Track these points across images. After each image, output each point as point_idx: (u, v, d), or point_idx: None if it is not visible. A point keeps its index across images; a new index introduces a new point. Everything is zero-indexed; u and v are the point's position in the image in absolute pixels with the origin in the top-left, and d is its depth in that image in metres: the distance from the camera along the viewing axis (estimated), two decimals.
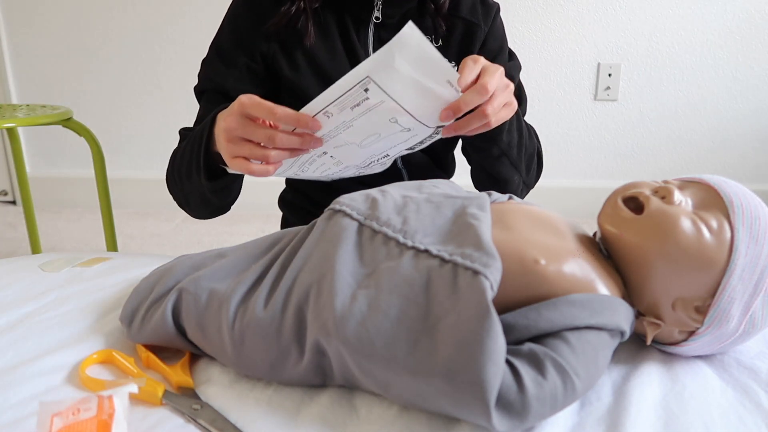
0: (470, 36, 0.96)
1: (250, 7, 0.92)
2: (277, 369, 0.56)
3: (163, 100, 2.48)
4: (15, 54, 2.51)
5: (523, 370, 0.49)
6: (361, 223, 0.60)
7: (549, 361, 0.50)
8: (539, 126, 1.12)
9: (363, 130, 0.67)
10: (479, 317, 0.48)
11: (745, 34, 2.33)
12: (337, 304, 0.52)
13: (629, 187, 0.61)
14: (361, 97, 0.62)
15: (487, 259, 0.52)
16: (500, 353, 0.47)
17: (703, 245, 0.56)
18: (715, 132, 2.44)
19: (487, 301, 0.49)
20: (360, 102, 0.63)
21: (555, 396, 0.49)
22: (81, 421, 0.45)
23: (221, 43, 0.95)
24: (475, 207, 0.60)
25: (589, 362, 0.52)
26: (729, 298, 0.56)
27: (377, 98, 0.62)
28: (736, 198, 0.58)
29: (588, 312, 0.53)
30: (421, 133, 0.70)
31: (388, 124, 0.66)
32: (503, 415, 0.47)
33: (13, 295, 0.74)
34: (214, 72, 0.94)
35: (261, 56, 0.92)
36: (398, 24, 0.93)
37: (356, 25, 0.94)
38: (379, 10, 0.93)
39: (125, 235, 2.28)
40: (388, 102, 0.63)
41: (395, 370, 0.49)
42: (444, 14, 0.94)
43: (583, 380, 0.51)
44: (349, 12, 0.93)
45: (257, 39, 0.92)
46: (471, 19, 0.96)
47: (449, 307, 0.50)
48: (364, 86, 0.61)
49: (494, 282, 0.51)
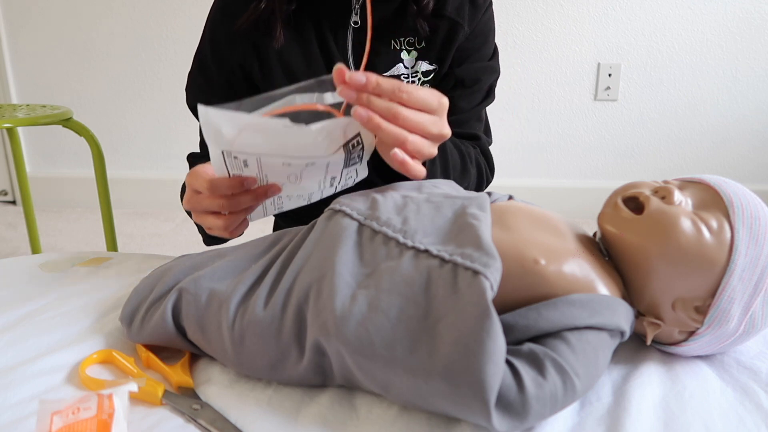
0: (452, 36, 0.92)
1: (226, 14, 0.92)
2: (277, 369, 0.56)
3: (164, 100, 2.48)
4: (15, 54, 2.51)
5: (523, 370, 0.49)
6: (361, 223, 0.60)
7: (549, 361, 0.50)
8: (539, 126, 1.12)
9: (278, 177, 0.65)
10: (479, 317, 0.48)
11: (745, 34, 2.33)
12: (337, 304, 0.52)
13: (629, 188, 0.61)
14: (240, 162, 0.62)
15: (487, 259, 0.52)
16: (500, 353, 0.47)
17: (703, 245, 0.56)
18: (715, 132, 2.45)
19: (487, 301, 0.49)
20: (245, 164, 0.62)
21: (555, 396, 0.49)
22: (81, 420, 0.45)
23: (203, 56, 0.95)
24: (475, 207, 0.60)
25: (589, 362, 0.52)
26: (729, 298, 0.56)
27: (250, 156, 0.62)
28: (736, 198, 0.58)
29: (588, 312, 0.53)
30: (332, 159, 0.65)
31: (290, 168, 0.64)
32: (503, 415, 0.47)
33: (13, 295, 0.74)
34: (199, 90, 0.95)
35: (239, 67, 0.92)
36: (376, 28, 0.90)
37: (334, 30, 0.91)
38: (356, 14, 0.90)
39: (125, 235, 2.28)
40: (261, 156, 0.62)
41: (395, 370, 0.49)
42: (426, 14, 0.90)
43: (583, 380, 0.51)
44: (326, 16, 0.91)
45: (234, 49, 0.91)
46: (456, 18, 0.92)
47: (449, 307, 0.50)
48: (230, 156, 0.61)
49: (494, 282, 0.51)
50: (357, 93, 0.59)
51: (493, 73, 0.99)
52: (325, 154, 0.63)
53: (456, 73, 0.94)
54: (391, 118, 0.60)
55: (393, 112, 0.60)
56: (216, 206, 0.69)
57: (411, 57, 0.93)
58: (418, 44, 0.93)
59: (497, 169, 1.04)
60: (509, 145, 2.41)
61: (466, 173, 0.91)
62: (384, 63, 0.92)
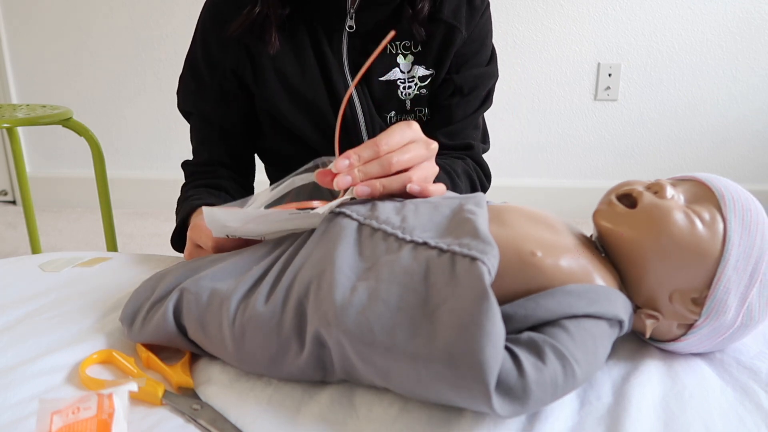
0: (449, 40, 0.91)
1: (216, 20, 0.91)
2: (277, 363, 0.56)
3: (164, 100, 2.48)
4: (15, 54, 2.51)
5: (523, 355, 0.49)
6: (360, 223, 0.61)
7: (548, 347, 0.50)
8: (539, 126, 1.12)
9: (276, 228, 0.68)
10: (477, 300, 0.48)
11: (745, 34, 2.33)
12: (337, 296, 0.53)
13: (623, 185, 0.63)
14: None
15: (484, 246, 0.53)
16: (499, 335, 0.47)
17: (696, 236, 0.57)
18: (715, 132, 2.45)
19: (485, 284, 0.49)
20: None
21: (555, 381, 0.49)
22: (81, 420, 0.45)
23: (194, 61, 0.95)
24: (472, 204, 0.62)
25: (588, 349, 0.52)
26: (725, 288, 0.57)
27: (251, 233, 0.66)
28: (727, 191, 0.59)
29: (585, 301, 0.54)
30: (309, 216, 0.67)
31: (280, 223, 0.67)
32: (504, 399, 0.47)
33: (13, 295, 0.74)
34: (192, 95, 0.95)
35: (232, 72, 0.92)
36: (372, 32, 0.90)
37: (328, 34, 0.91)
38: (352, 19, 0.90)
39: (125, 235, 2.29)
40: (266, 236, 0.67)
41: (395, 356, 0.50)
42: (422, 19, 0.89)
43: (583, 367, 0.51)
44: (320, 21, 0.90)
45: (226, 54, 0.91)
46: (453, 22, 0.91)
47: (448, 293, 0.51)
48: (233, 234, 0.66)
49: (492, 267, 0.51)
50: (351, 175, 0.63)
51: (491, 78, 0.98)
52: None
53: (454, 80, 0.94)
54: (387, 169, 0.64)
55: (386, 166, 0.64)
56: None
57: (407, 61, 0.93)
58: (414, 48, 0.92)
59: (498, 169, 1.04)
60: (509, 145, 2.41)
61: (457, 189, 0.91)
62: (380, 68, 0.92)
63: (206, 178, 0.94)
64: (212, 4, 0.94)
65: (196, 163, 0.97)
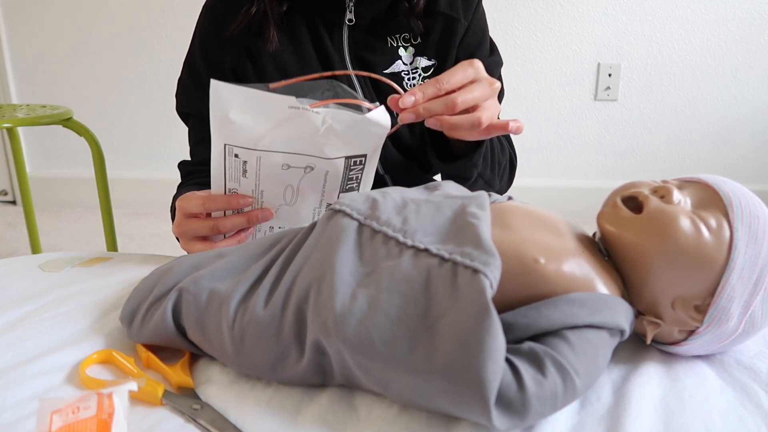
0: (450, 32, 0.92)
1: (215, 20, 0.91)
2: (277, 368, 0.56)
3: (164, 100, 2.48)
4: (15, 54, 2.51)
5: (523, 368, 0.49)
6: (361, 223, 0.60)
7: (549, 359, 0.50)
8: (539, 126, 1.12)
9: (275, 188, 0.66)
10: (479, 315, 0.48)
11: (745, 34, 2.33)
12: (337, 303, 0.52)
13: (628, 187, 0.61)
14: (240, 163, 0.62)
15: (486, 258, 0.52)
16: (500, 351, 0.47)
17: (702, 244, 0.56)
18: (716, 132, 2.45)
19: (487, 299, 0.49)
20: (244, 169, 0.63)
21: (555, 394, 0.49)
22: (81, 420, 0.45)
23: (193, 62, 0.95)
24: (474, 206, 0.61)
25: (589, 361, 0.52)
26: (728, 296, 0.56)
27: (251, 156, 0.62)
28: (735, 197, 0.58)
29: (587, 310, 0.53)
30: (331, 168, 0.65)
31: (289, 173, 0.64)
32: (503, 413, 0.47)
33: (13, 295, 0.74)
34: (191, 96, 0.95)
35: (232, 72, 0.92)
36: (370, 25, 0.91)
37: (328, 28, 0.91)
38: (351, 12, 0.90)
39: (125, 235, 2.29)
40: (263, 154, 0.62)
41: (395, 368, 0.49)
42: (418, 12, 0.90)
43: (583, 379, 0.51)
44: (319, 15, 0.90)
45: (225, 54, 0.91)
46: (450, 13, 0.92)
47: (449, 305, 0.50)
48: (231, 154, 0.61)
49: (494, 280, 0.51)
50: (414, 112, 0.64)
51: (498, 66, 1.00)
52: (326, 155, 0.63)
53: None
54: (453, 108, 0.64)
55: (451, 105, 0.64)
56: (207, 229, 0.69)
57: (408, 53, 0.93)
58: (414, 40, 0.93)
59: None
60: None
61: (503, 149, 0.95)
62: (382, 61, 0.92)
63: (203, 177, 0.94)
64: (211, 5, 0.94)
65: (193, 163, 0.97)
